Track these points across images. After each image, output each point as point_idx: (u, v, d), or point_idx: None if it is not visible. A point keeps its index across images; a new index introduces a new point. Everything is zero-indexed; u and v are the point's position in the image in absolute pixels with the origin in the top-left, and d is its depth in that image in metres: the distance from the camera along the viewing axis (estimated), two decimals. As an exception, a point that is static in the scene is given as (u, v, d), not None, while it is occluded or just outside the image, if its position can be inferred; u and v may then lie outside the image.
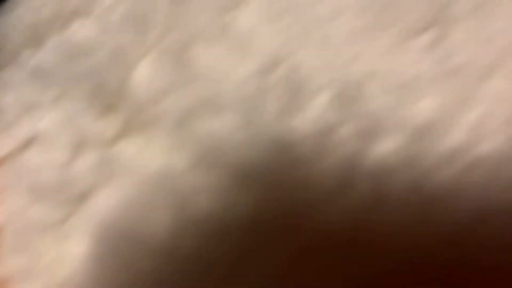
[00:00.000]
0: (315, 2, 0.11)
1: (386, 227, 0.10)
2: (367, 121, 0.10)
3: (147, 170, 0.11)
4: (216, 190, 0.11)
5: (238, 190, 0.11)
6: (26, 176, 0.11)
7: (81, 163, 0.11)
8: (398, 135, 0.10)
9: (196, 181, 0.11)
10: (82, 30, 0.12)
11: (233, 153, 0.11)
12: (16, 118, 0.12)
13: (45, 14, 0.12)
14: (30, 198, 0.11)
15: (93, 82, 0.11)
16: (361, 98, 0.10)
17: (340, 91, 0.11)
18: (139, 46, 0.11)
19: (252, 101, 0.11)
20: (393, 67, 0.11)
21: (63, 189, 0.11)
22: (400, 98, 0.10)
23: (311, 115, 0.10)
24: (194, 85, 0.11)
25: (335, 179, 0.10)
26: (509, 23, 0.10)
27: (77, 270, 0.10)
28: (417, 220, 0.10)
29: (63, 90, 0.11)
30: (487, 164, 0.10)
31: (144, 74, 0.11)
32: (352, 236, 0.10)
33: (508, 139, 0.10)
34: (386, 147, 0.10)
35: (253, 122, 0.10)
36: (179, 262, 0.10)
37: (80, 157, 0.11)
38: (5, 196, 0.11)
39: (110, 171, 0.11)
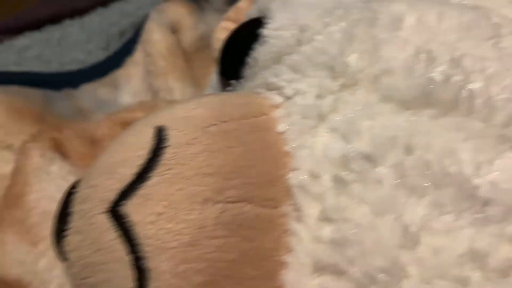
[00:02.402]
0: None
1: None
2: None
3: (357, 102, 0.22)
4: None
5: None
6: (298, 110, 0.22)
7: (325, 101, 0.22)
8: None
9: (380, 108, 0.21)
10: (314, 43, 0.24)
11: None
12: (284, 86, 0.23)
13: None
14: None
15: (328, 65, 0.23)
16: None
17: None
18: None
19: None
20: None
21: (313, 113, 0.22)
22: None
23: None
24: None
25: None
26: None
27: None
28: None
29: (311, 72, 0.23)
30: None
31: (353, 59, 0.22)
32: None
33: None
34: None
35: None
36: None
37: (324, 98, 0.22)
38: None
39: (338, 104, 0.22)
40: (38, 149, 0.44)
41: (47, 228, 0.41)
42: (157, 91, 0.61)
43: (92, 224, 0.19)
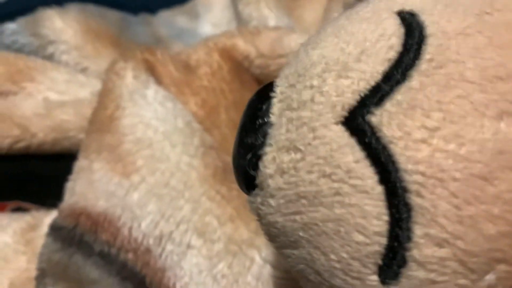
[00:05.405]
0: None
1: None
2: None
3: None
4: None
5: None
6: None
7: None
8: None
9: None
10: None
11: None
12: None
13: None
14: None
15: None
16: None
17: None
18: None
19: None
20: None
21: None
22: None
23: None
24: None
25: None
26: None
27: None
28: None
29: None
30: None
31: None
32: None
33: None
34: None
35: None
36: None
37: None
38: None
39: None
40: (131, 70, 0.39)
41: (142, 157, 0.36)
42: (247, 21, 0.54)
43: (319, 138, 0.13)
